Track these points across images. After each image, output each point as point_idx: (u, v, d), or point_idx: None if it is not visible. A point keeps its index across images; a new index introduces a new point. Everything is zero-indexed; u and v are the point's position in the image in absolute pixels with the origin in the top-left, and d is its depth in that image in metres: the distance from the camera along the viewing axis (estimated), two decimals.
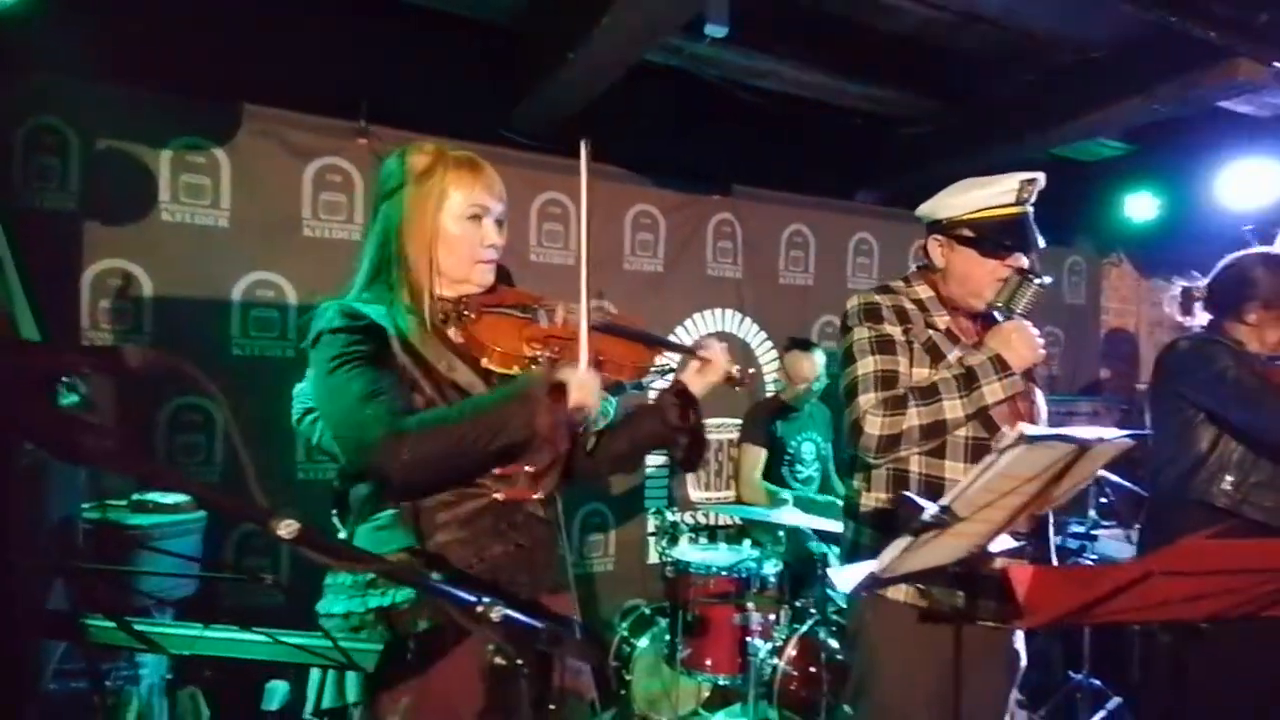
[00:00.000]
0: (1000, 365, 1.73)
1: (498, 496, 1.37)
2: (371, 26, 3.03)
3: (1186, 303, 2.35)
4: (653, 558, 3.53)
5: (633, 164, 3.54)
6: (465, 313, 1.42)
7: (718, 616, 2.77)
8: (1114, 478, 3.13)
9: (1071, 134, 3.30)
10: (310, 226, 2.91)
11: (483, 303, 1.44)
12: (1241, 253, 2.28)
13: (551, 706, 1.34)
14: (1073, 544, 3.16)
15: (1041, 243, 1.84)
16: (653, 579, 3.39)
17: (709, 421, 3.82)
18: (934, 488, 1.80)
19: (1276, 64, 2.57)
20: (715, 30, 2.82)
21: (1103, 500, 3.09)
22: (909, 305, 1.88)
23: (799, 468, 3.54)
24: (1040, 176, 1.81)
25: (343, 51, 2.98)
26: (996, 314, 1.81)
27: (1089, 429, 1.30)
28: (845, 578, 1.12)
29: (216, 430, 2.73)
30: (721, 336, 3.88)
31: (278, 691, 2.44)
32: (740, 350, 3.91)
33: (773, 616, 2.76)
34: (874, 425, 1.75)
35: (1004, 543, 1.18)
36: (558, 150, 3.37)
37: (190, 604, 2.18)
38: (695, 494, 3.79)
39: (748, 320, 3.91)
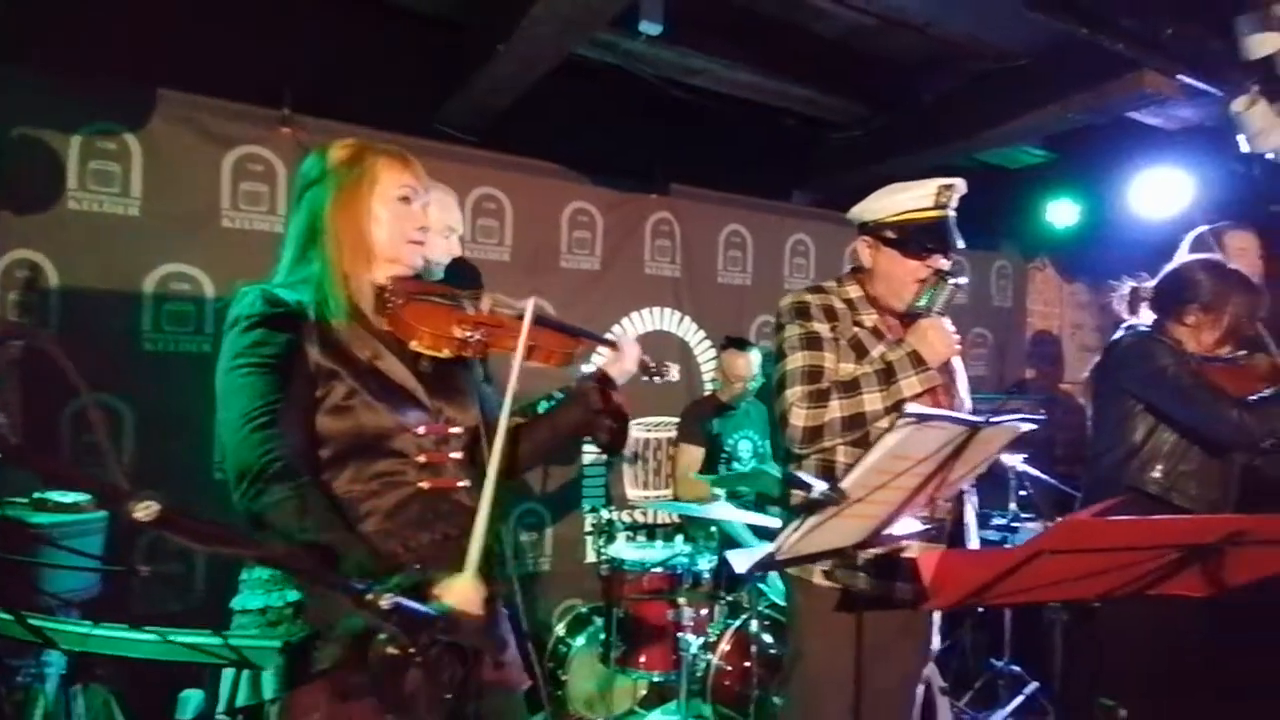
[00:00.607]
0: (917, 360, 1.79)
1: (423, 485, 1.35)
2: (297, 12, 2.95)
3: (1134, 302, 2.48)
4: (590, 556, 3.51)
5: (570, 161, 3.52)
6: (392, 299, 1.41)
7: (651, 614, 2.77)
8: (1034, 472, 3.25)
9: (994, 140, 3.42)
10: (229, 217, 2.80)
11: (409, 289, 1.43)
12: (1186, 258, 2.40)
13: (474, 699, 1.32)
14: (994, 536, 3.26)
15: (960, 244, 1.90)
16: (590, 578, 3.36)
17: (647, 420, 3.83)
18: None
19: (1180, 77, 2.71)
20: (650, 28, 2.83)
21: (1023, 493, 3.20)
22: (838, 304, 1.95)
23: (736, 465, 3.57)
24: (958, 182, 1.88)
25: (266, 37, 2.89)
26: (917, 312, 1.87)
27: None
28: (742, 559, 1.13)
29: (125, 429, 2.61)
30: (659, 335, 3.92)
31: (191, 701, 2.35)
32: (678, 349, 3.92)
33: (705, 612, 2.77)
34: (799, 417, 1.81)
35: (908, 525, 1.20)
36: (490, 144, 3.34)
37: (96, 605, 2.08)
38: (633, 492, 3.78)
39: (686, 319, 3.93)
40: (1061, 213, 4.62)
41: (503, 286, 3.31)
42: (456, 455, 1.42)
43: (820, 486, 1.03)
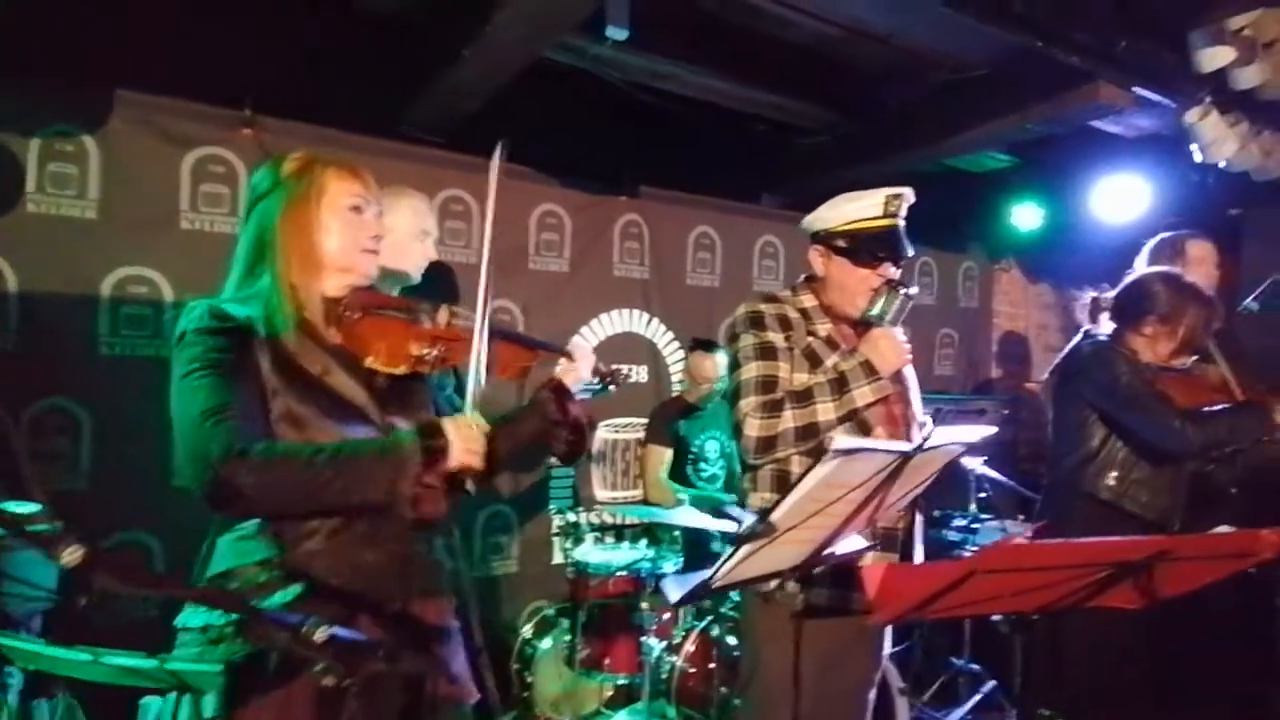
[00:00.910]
0: (869, 370, 1.82)
1: None
2: (259, 12, 2.91)
3: (1095, 311, 2.56)
4: (557, 558, 3.53)
5: (538, 163, 3.52)
6: (346, 313, 1.40)
7: (615, 617, 2.79)
8: (994, 474, 3.32)
9: (957, 147, 3.47)
10: (189, 219, 2.77)
11: (365, 302, 1.43)
12: (1145, 270, 2.47)
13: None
14: (955, 537, 3.33)
15: (910, 252, 1.93)
16: (557, 579, 3.38)
17: (615, 421, 3.84)
18: None
19: (1134, 89, 2.76)
20: (616, 32, 2.83)
21: (982, 495, 3.26)
22: (793, 314, 1.97)
23: (703, 466, 3.60)
24: (906, 191, 1.91)
25: (228, 38, 2.85)
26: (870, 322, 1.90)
27: (948, 429, 1.39)
28: (675, 589, 1.15)
29: (83, 436, 2.57)
30: (628, 337, 3.93)
31: (151, 708, 2.33)
32: (647, 350, 3.94)
33: (669, 616, 2.79)
34: (753, 427, 1.83)
35: (852, 543, 1.23)
36: (459, 146, 3.32)
37: (54, 618, 2.06)
38: (601, 493, 3.80)
39: (655, 321, 3.95)
40: (1025, 216, 4.70)
41: (471, 289, 3.34)
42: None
43: (748, 520, 1.05)
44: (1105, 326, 2.48)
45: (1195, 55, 2.72)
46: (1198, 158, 3.23)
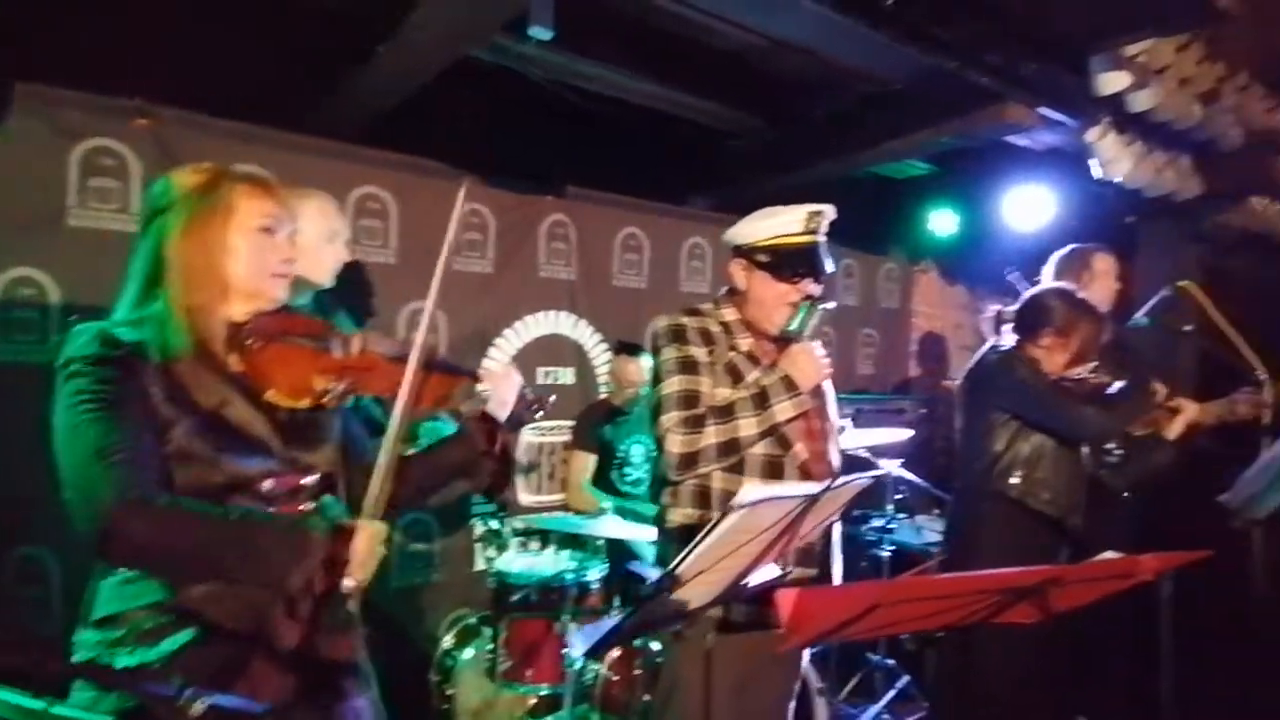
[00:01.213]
0: (789, 385, 1.84)
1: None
2: None
3: (998, 324, 2.68)
4: (480, 564, 3.47)
5: (461, 162, 3.42)
6: (249, 340, 1.31)
7: (538, 628, 2.76)
8: (910, 476, 3.44)
9: (877, 157, 3.56)
10: (76, 215, 2.57)
11: (270, 329, 1.34)
12: (1043, 285, 2.59)
13: None
14: (872, 536, 3.43)
15: (830, 268, 1.96)
16: (480, 586, 3.32)
17: (541, 425, 3.79)
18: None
19: (1039, 109, 2.88)
20: (540, 32, 2.77)
21: (898, 497, 3.37)
22: (715, 328, 1.97)
23: (628, 470, 3.60)
24: (827, 209, 1.93)
25: (125, 23, 2.66)
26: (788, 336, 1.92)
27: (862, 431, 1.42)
28: (582, 642, 1.14)
29: None
30: (554, 339, 3.88)
31: None
32: (573, 352, 3.91)
33: (591, 627, 2.78)
34: (674, 443, 1.83)
35: (767, 573, 1.24)
36: (375, 141, 3.21)
37: None
38: (525, 498, 3.75)
39: (581, 322, 3.91)
40: (942, 222, 4.86)
41: (387, 289, 3.25)
42: (308, 507, 1.36)
43: (653, 579, 1.05)
44: (1008, 338, 2.59)
45: (1095, 79, 2.86)
46: (1096, 173, 3.41)
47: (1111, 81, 2.84)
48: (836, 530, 1.99)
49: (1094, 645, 2.87)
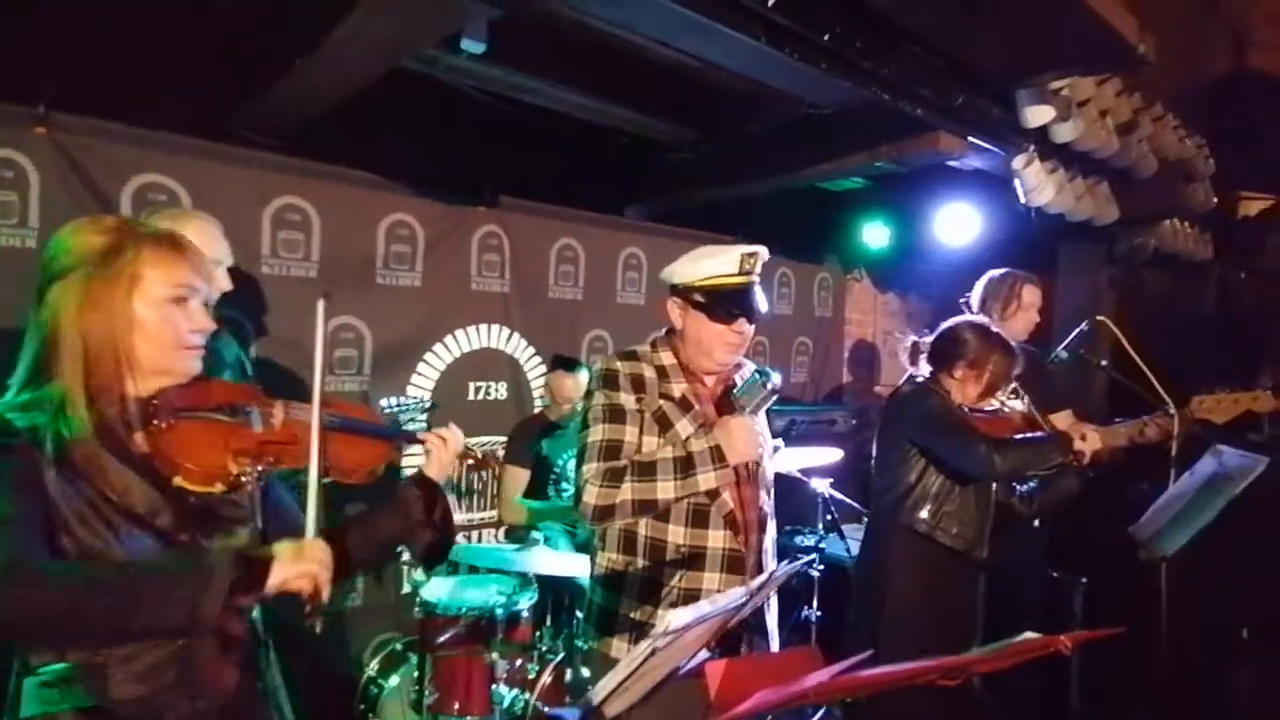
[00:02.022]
0: (718, 456, 1.82)
1: (182, 642, 1.17)
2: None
3: (914, 355, 2.70)
4: (406, 587, 3.37)
5: (388, 171, 3.29)
6: (156, 419, 1.19)
7: (465, 661, 2.69)
8: (840, 496, 3.49)
9: (812, 177, 3.58)
10: None
11: (180, 404, 1.22)
12: (957, 319, 2.63)
13: None
14: (803, 555, 3.47)
15: (764, 309, 1.95)
16: (407, 609, 3.23)
17: (473, 440, 3.68)
18: (658, 549, 1.88)
19: (969, 138, 2.93)
20: (473, 46, 2.67)
21: (829, 517, 3.41)
22: (649, 373, 1.94)
23: (565, 485, 3.54)
24: (761, 250, 1.92)
25: (25, 24, 2.44)
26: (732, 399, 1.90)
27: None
28: None
29: None
30: (488, 353, 3.79)
31: None
32: (508, 366, 3.82)
33: (520, 662, 2.72)
34: (591, 495, 1.81)
35: (700, 657, 1.22)
36: (298, 150, 3.05)
37: None
38: (457, 516, 3.65)
39: (515, 335, 3.83)
40: (874, 235, 4.94)
41: (306, 304, 3.09)
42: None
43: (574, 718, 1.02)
44: (923, 369, 2.64)
45: (1022, 111, 2.93)
46: (1022, 199, 3.50)
47: (1038, 115, 2.91)
48: (773, 602, 1.98)
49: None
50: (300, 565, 1.15)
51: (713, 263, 1.91)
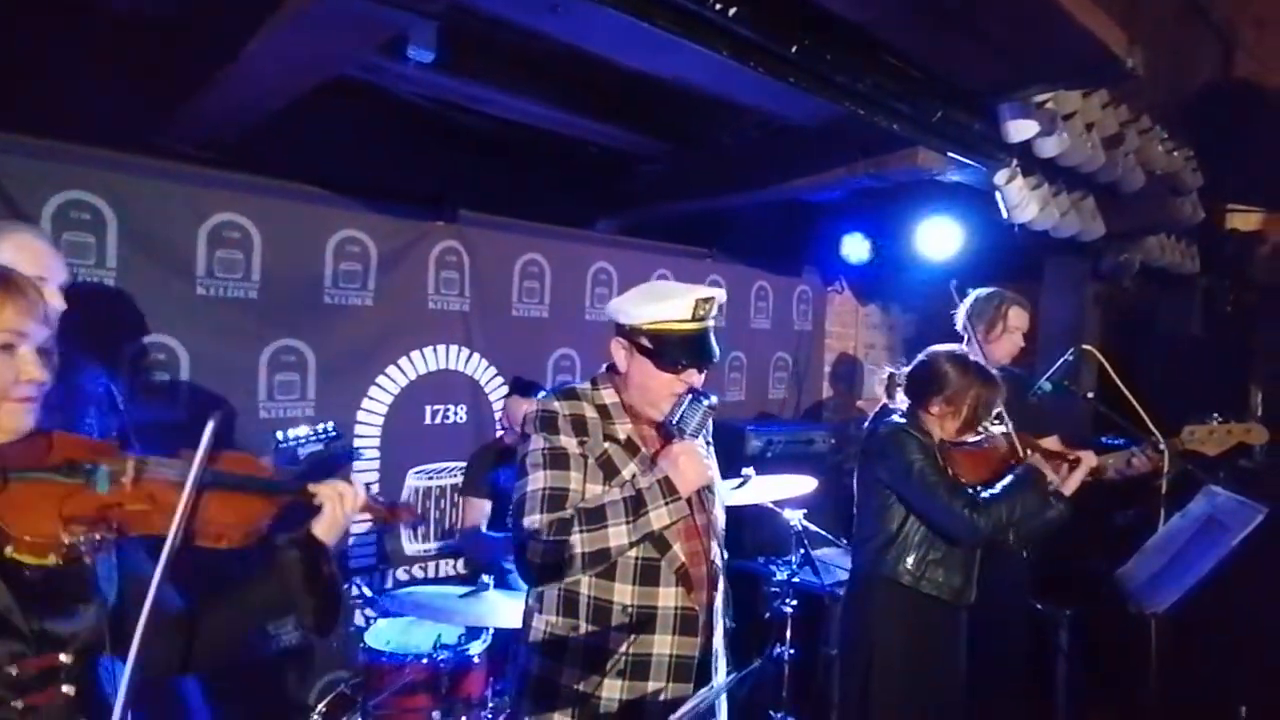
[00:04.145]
0: (669, 489, 1.65)
1: (16, 705, 1.04)
2: None
3: (890, 387, 2.55)
4: (359, 620, 3.18)
5: (338, 185, 3.10)
6: None
7: (411, 714, 2.51)
8: (813, 527, 3.34)
9: (787, 190, 3.43)
10: None
11: (12, 464, 1.07)
12: (935, 349, 2.47)
13: None
14: (776, 588, 3.32)
15: (716, 358, 1.78)
16: (358, 649, 3.04)
17: (428, 467, 3.51)
18: (603, 611, 1.71)
19: (950, 154, 2.78)
20: (420, 55, 2.49)
21: (802, 550, 3.26)
22: (590, 414, 1.77)
23: None
24: (717, 294, 1.76)
25: None
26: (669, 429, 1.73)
27: None
28: None
29: None
30: (446, 374, 3.59)
31: None
32: (468, 389, 3.64)
33: (465, 717, 2.54)
34: (535, 553, 1.64)
35: None
36: (236, 164, 2.86)
37: None
38: (411, 548, 3.47)
39: (476, 356, 3.64)
40: (854, 248, 4.79)
41: (246, 327, 2.90)
42: (69, 690, 1.10)
43: None
44: (901, 402, 2.49)
45: (1004, 126, 2.77)
46: (1005, 215, 3.35)
47: (1021, 129, 2.76)
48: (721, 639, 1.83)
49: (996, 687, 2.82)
50: None
51: (663, 306, 1.74)
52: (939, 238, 4.15)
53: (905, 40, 2.19)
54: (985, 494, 2.27)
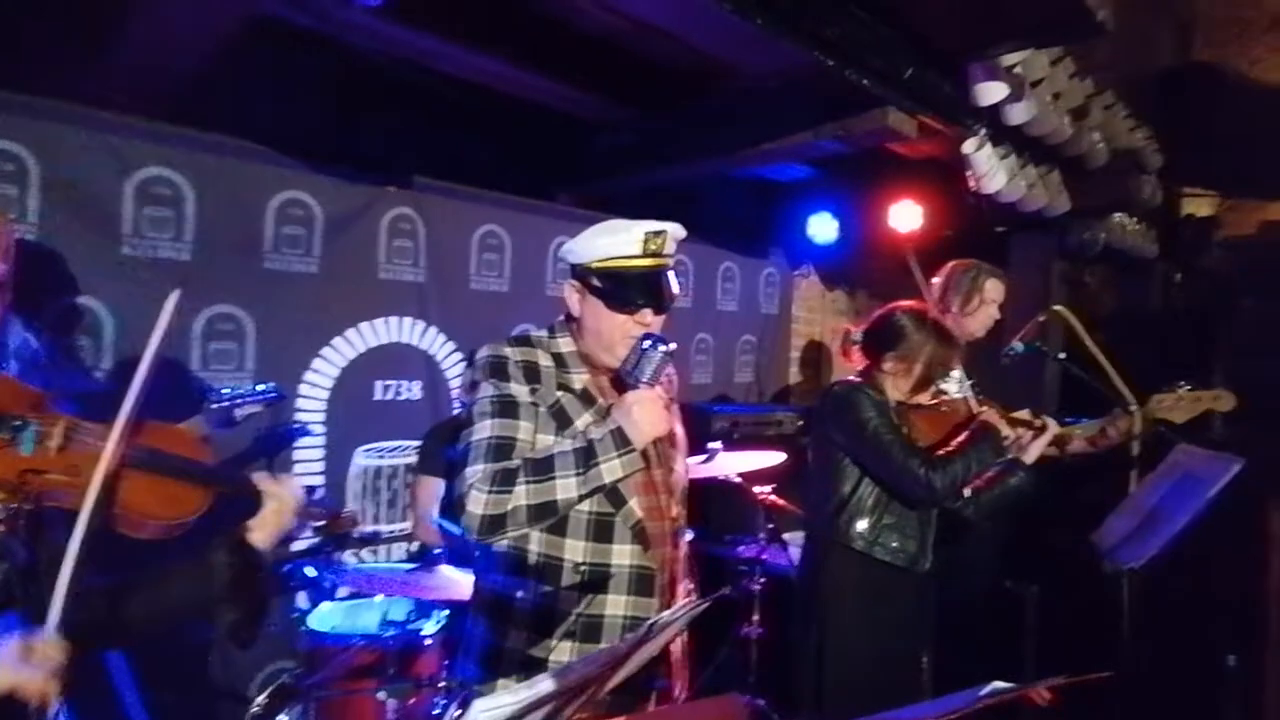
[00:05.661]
0: (621, 440, 1.52)
1: None
2: None
3: (845, 346, 2.49)
4: (304, 603, 3.00)
5: (280, 143, 2.93)
6: None
7: (346, 702, 2.36)
8: (781, 502, 3.25)
9: (753, 159, 3.34)
10: None
11: None
12: (893, 305, 2.39)
13: None
14: (743, 567, 3.23)
15: (677, 295, 1.67)
16: (300, 636, 2.87)
17: (379, 445, 3.35)
18: (552, 570, 1.59)
19: (920, 116, 2.71)
20: None
21: (769, 526, 3.17)
22: (545, 361, 1.65)
23: None
24: (671, 228, 1.64)
25: None
26: (624, 379, 1.61)
27: None
28: None
29: None
30: (399, 348, 3.43)
31: None
32: (422, 364, 3.48)
33: (414, 702, 2.38)
34: (477, 503, 1.49)
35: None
36: (168, 115, 2.67)
37: None
38: (361, 529, 3.30)
39: (432, 330, 3.49)
40: (821, 228, 4.73)
41: (182, 290, 2.71)
42: None
43: None
44: (858, 362, 2.42)
45: (973, 89, 2.72)
46: (972, 185, 3.31)
47: (990, 92, 2.71)
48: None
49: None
50: (21, 672, 0.90)
51: (612, 241, 1.62)
52: (907, 212, 4.09)
53: None
54: (940, 453, 2.20)
